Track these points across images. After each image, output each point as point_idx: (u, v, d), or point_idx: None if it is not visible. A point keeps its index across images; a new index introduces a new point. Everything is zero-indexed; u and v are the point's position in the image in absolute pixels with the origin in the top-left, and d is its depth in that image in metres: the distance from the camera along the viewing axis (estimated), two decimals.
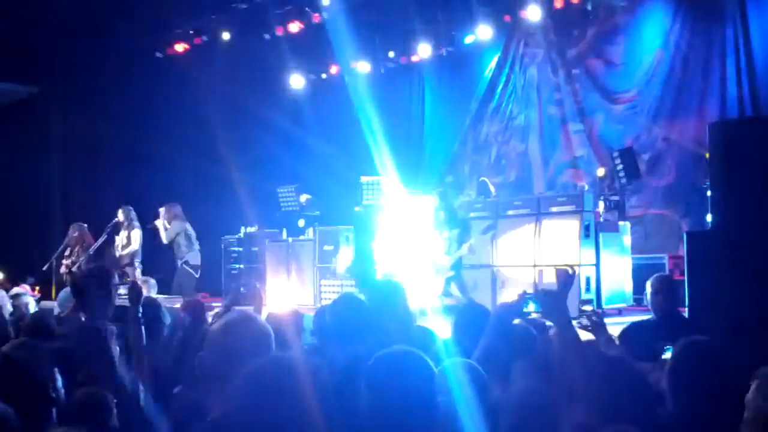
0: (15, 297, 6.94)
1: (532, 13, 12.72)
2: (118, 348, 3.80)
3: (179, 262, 12.11)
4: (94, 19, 13.48)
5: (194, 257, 12.07)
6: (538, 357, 3.18)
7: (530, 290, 3.56)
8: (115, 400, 3.21)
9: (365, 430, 2.27)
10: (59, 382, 3.14)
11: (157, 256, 12.48)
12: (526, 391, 2.80)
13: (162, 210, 11.99)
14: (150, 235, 12.11)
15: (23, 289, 7.96)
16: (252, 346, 2.38)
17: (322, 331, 4.27)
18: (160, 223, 11.94)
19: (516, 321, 3.61)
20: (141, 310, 3.84)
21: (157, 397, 3.59)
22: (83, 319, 4.39)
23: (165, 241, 11.88)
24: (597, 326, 3.98)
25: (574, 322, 3.95)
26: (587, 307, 4.09)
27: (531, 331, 3.54)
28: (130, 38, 14.21)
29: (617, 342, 4.45)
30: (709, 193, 6.22)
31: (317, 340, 4.43)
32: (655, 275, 5.20)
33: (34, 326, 4.80)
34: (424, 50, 13.70)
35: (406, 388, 2.25)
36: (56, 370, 3.16)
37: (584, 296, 9.17)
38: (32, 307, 6.86)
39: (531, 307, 3.25)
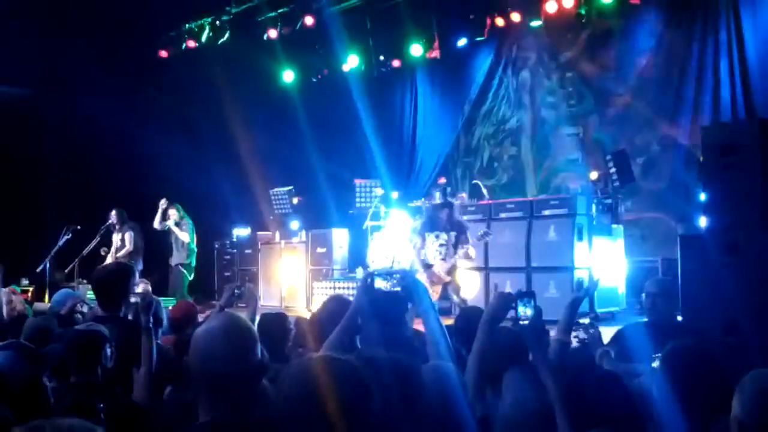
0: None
1: (525, 17, 12.73)
2: (110, 351, 3.77)
3: (173, 262, 12.13)
4: (90, 21, 13.46)
5: (188, 258, 12.14)
6: (530, 366, 3.15)
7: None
8: (101, 405, 3.18)
9: None
10: (49, 389, 3.12)
11: (151, 258, 12.46)
12: (520, 402, 2.78)
13: (173, 211, 12.04)
14: (150, 235, 12.13)
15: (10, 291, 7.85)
16: (236, 348, 2.36)
17: (315, 333, 4.27)
18: (172, 224, 11.99)
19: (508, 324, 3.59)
20: (152, 320, 3.80)
21: (148, 399, 3.57)
22: (98, 314, 4.49)
23: (186, 240, 11.92)
24: (593, 340, 3.96)
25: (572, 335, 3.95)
26: (584, 320, 4.03)
27: (518, 335, 3.52)
28: (125, 39, 14.18)
29: (611, 345, 4.44)
30: (702, 195, 6.22)
31: (312, 343, 4.44)
32: (652, 278, 5.18)
33: (35, 329, 4.80)
34: (417, 53, 13.70)
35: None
36: (46, 377, 3.13)
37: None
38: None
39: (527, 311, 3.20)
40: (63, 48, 13.58)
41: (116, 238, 11.88)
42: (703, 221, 6.33)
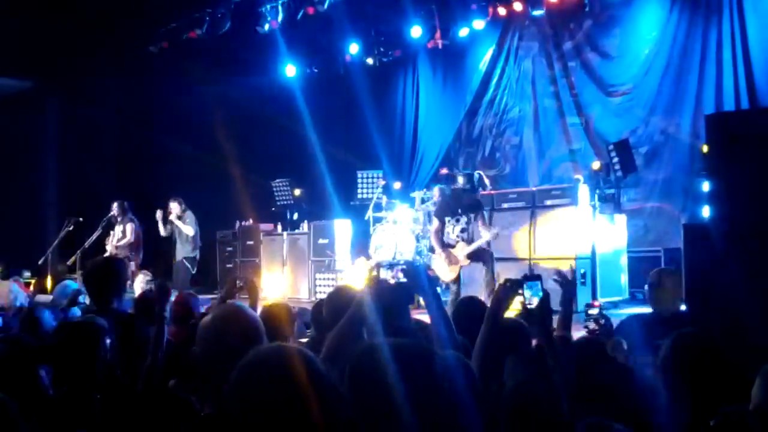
0: None
1: (527, 6, 12.67)
2: (108, 342, 3.75)
3: (177, 257, 12.14)
4: (90, 12, 13.44)
5: (193, 250, 12.17)
6: (530, 353, 3.12)
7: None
8: (98, 396, 3.16)
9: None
10: (45, 380, 3.10)
11: (154, 251, 12.47)
12: (521, 388, 2.75)
13: (174, 205, 12.01)
14: (153, 229, 12.13)
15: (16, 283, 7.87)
16: (242, 338, 2.35)
17: (319, 324, 4.28)
18: (174, 218, 11.97)
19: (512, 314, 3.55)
20: (168, 309, 3.76)
21: (154, 390, 3.55)
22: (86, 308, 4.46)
23: (191, 233, 11.93)
24: (605, 330, 3.92)
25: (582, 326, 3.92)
26: (594, 311, 3.96)
27: (524, 325, 3.49)
28: (126, 31, 14.16)
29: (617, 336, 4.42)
30: (705, 185, 6.18)
31: (316, 333, 4.44)
32: (655, 269, 5.15)
33: (28, 322, 4.79)
34: (418, 43, 13.64)
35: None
36: (41, 368, 3.12)
37: (580, 290, 9.13)
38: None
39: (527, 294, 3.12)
40: (64, 39, 13.58)
41: (117, 229, 11.92)
42: (706, 211, 6.29)
